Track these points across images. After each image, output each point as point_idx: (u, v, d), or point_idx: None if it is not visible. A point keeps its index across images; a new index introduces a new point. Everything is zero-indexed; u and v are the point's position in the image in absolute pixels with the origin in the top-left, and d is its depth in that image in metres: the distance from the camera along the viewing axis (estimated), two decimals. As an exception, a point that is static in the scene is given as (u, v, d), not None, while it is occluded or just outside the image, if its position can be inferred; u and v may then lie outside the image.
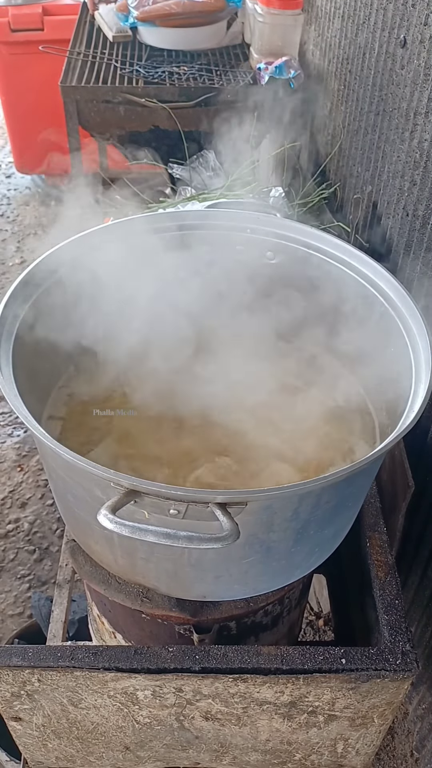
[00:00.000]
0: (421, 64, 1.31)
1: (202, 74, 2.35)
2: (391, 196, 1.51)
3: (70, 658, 0.98)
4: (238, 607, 1.06)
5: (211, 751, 1.15)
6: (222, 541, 0.76)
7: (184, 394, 1.21)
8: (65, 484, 0.96)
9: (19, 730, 1.11)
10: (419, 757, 1.63)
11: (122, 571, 1.05)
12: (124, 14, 2.56)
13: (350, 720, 1.06)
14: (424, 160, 1.32)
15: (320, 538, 1.00)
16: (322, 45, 2.13)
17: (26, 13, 3.42)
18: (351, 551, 1.22)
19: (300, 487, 0.81)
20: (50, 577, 2.21)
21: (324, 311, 1.22)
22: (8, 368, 0.94)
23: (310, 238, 1.21)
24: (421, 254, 1.35)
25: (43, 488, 2.48)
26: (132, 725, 1.09)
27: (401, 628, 1.04)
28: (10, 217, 3.82)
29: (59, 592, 1.37)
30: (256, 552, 0.94)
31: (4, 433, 2.68)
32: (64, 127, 2.32)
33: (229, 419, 1.16)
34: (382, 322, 1.10)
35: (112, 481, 0.79)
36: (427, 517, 1.38)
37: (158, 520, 0.80)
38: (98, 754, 1.17)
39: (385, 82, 1.52)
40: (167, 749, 1.15)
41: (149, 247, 1.22)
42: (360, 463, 0.85)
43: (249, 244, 1.25)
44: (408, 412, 0.92)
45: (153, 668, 0.98)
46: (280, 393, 1.21)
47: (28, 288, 1.07)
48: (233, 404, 1.19)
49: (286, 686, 1.00)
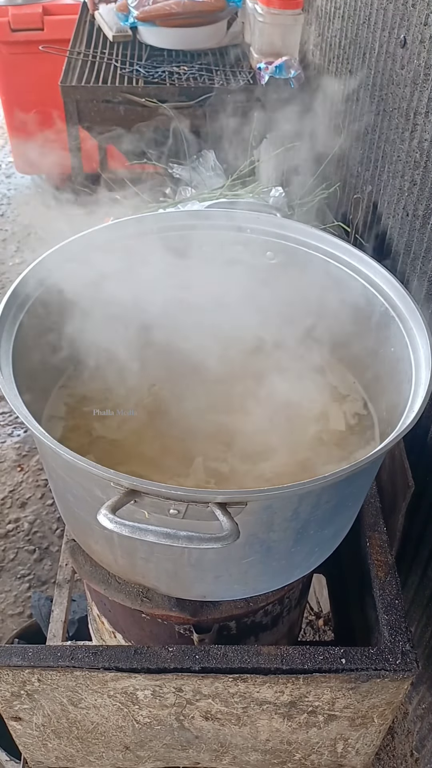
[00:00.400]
0: (421, 64, 1.31)
1: (202, 74, 2.35)
2: (391, 196, 1.51)
3: (70, 658, 0.98)
4: (238, 607, 1.06)
5: (211, 751, 1.15)
6: (222, 541, 0.76)
7: (183, 393, 1.21)
8: (65, 484, 0.96)
9: (19, 730, 1.12)
10: (419, 757, 1.63)
11: (122, 570, 1.05)
12: (124, 14, 2.56)
13: (350, 720, 1.06)
14: (424, 160, 1.32)
15: (320, 537, 1.00)
16: (322, 45, 2.13)
17: (26, 12, 3.42)
18: (351, 551, 1.22)
19: (300, 487, 0.81)
20: (50, 577, 2.21)
21: (324, 311, 1.22)
22: (8, 368, 0.94)
23: (310, 238, 1.21)
24: (421, 254, 1.35)
25: (43, 488, 2.48)
26: (132, 725, 1.09)
27: (401, 628, 1.04)
28: (10, 217, 3.82)
29: (59, 592, 1.37)
30: (256, 552, 0.94)
31: (4, 433, 2.68)
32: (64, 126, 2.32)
33: (227, 418, 1.16)
34: (382, 321, 1.10)
35: (112, 481, 0.79)
36: (427, 516, 1.38)
37: (158, 520, 0.80)
38: (98, 753, 1.17)
39: (385, 82, 1.52)
40: (167, 749, 1.15)
41: (149, 247, 1.22)
42: (360, 462, 0.85)
43: (249, 244, 1.25)
44: (408, 411, 0.92)
45: (153, 668, 0.98)
46: (280, 391, 1.21)
47: (29, 288, 1.07)
48: (232, 403, 1.19)
49: (286, 686, 1.00)
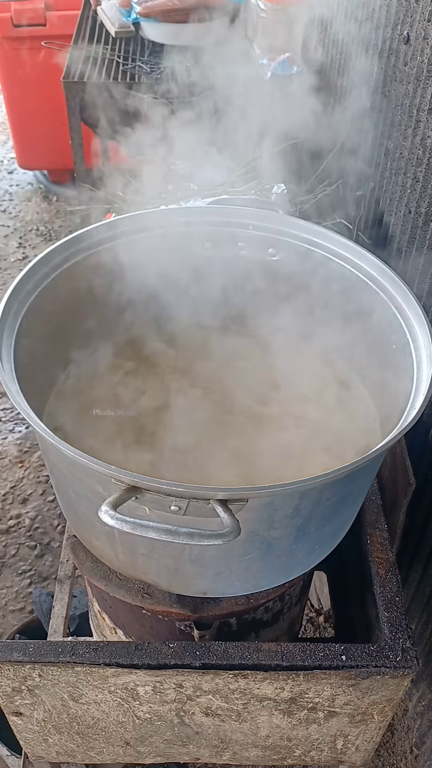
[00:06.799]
0: (424, 60, 1.30)
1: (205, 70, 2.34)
2: (393, 193, 1.51)
3: (70, 654, 0.99)
4: (239, 604, 1.06)
5: (211, 747, 1.15)
6: (223, 537, 0.76)
7: (185, 391, 1.21)
8: (66, 480, 0.96)
9: (19, 725, 1.12)
10: (419, 754, 1.64)
11: (123, 567, 1.05)
12: (126, 10, 2.55)
13: (350, 716, 1.07)
14: (426, 157, 1.32)
15: (321, 535, 1.00)
16: (325, 41, 2.12)
17: (29, 8, 3.40)
18: (352, 548, 1.22)
19: (301, 484, 0.81)
20: (51, 573, 2.21)
21: (325, 307, 1.21)
22: (9, 364, 0.94)
23: (312, 234, 1.21)
24: (424, 251, 1.35)
25: (44, 484, 2.48)
26: (132, 721, 1.09)
27: (401, 625, 1.04)
28: (12, 213, 3.81)
29: (60, 588, 1.38)
30: (257, 549, 0.94)
31: (6, 429, 2.68)
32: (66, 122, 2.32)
33: (229, 414, 1.17)
34: (383, 318, 1.10)
35: (114, 477, 0.79)
36: (428, 514, 1.38)
37: (159, 517, 0.80)
38: (99, 749, 1.17)
39: (388, 79, 1.52)
40: (167, 745, 1.15)
41: (151, 243, 1.22)
42: (361, 460, 0.85)
43: (251, 240, 1.25)
44: (409, 409, 0.92)
45: (153, 664, 0.98)
46: (280, 389, 1.21)
47: (30, 284, 1.07)
48: (232, 400, 1.19)
49: (287, 682, 1.00)
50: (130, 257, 1.20)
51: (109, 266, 1.18)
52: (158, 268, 1.22)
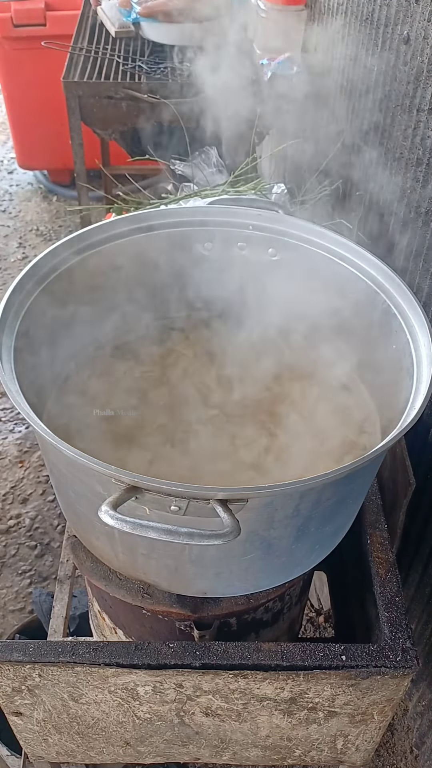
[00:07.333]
0: (424, 60, 1.30)
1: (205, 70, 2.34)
2: (393, 194, 1.51)
3: (70, 654, 0.99)
4: (239, 604, 1.06)
5: (211, 747, 1.15)
6: (223, 537, 0.76)
7: (185, 391, 1.21)
8: (66, 480, 0.96)
9: (19, 725, 1.12)
10: (419, 754, 1.64)
11: (123, 567, 1.05)
12: (126, 10, 2.55)
13: (350, 716, 1.07)
14: (426, 157, 1.32)
15: (321, 535, 1.00)
16: (325, 41, 2.12)
17: (29, 8, 3.41)
18: (352, 548, 1.22)
19: (301, 484, 0.81)
20: (51, 573, 2.21)
21: (326, 308, 1.21)
22: (10, 364, 0.94)
23: (312, 234, 1.21)
24: (423, 251, 1.35)
25: (44, 484, 2.48)
26: (132, 721, 1.09)
27: (401, 625, 1.04)
28: (12, 213, 3.81)
29: (60, 588, 1.38)
30: (257, 549, 0.94)
31: (6, 429, 2.68)
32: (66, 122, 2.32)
33: (230, 414, 1.17)
34: (384, 318, 1.10)
35: (114, 477, 0.79)
36: (428, 514, 1.38)
37: (159, 517, 0.80)
38: (99, 749, 1.17)
39: (388, 79, 1.52)
40: (167, 745, 1.15)
41: (151, 243, 1.22)
42: (361, 460, 0.85)
43: (251, 241, 1.25)
44: (409, 409, 0.92)
45: (153, 664, 0.98)
46: (280, 389, 1.21)
47: (30, 284, 1.07)
48: (232, 401, 1.19)
49: (287, 682, 1.00)
50: (130, 257, 1.20)
51: (109, 266, 1.19)
52: (158, 268, 1.22)
